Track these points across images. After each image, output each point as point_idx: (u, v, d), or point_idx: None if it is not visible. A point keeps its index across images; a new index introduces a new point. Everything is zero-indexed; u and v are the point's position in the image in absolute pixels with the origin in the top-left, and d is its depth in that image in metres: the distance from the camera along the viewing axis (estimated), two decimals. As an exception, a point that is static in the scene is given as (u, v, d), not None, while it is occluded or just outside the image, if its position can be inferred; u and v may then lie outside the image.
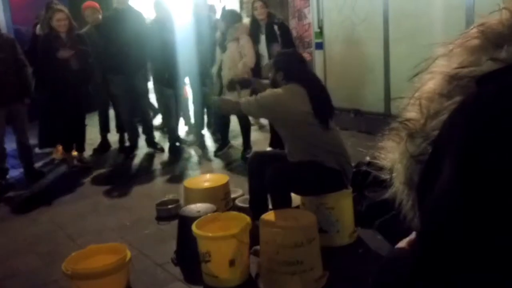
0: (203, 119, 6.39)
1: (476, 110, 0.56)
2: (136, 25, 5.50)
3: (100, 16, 5.89)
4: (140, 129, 6.09)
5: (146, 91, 6.06)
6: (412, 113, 0.66)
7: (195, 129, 6.30)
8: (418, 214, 0.67)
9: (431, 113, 0.62)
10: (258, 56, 5.23)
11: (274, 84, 3.38)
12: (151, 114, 6.50)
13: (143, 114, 5.96)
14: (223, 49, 5.26)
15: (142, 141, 6.11)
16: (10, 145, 5.33)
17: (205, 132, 6.49)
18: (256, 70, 5.18)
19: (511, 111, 0.53)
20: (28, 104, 5.10)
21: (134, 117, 5.90)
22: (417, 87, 0.66)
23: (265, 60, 5.16)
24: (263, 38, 5.24)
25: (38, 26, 5.69)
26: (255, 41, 5.23)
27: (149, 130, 6.02)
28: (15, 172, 5.37)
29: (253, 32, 5.25)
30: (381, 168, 0.73)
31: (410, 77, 0.67)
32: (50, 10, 5.24)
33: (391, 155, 0.69)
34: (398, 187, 0.69)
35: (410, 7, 5.49)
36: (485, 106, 0.56)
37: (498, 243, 0.51)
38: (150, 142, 6.00)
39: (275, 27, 5.14)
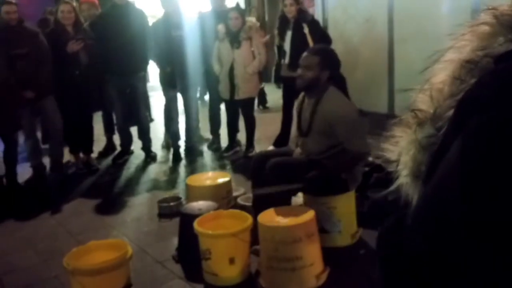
0: (219, 119, 5.95)
1: (495, 87, 0.55)
2: (136, 23, 5.13)
3: (97, 13, 5.58)
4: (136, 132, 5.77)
5: (146, 93, 5.72)
6: (422, 104, 0.65)
7: (212, 130, 5.96)
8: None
9: (440, 103, 0.62)
10: (283, 52, 5.17)
11: (313, 83, 3.23)
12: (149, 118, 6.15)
13: (140, 117, 5.53)
14: (236, 45, 5.13)
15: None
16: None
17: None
18: (278, 66, 5.27)
19: None
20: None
21: (128, 121, 5.55)
22: (427, 79, 0.66)
23: (287, 57, 5.10)
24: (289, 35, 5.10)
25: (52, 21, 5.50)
26: (282, 38, 5.16)
27: (144, 135, 5.62)
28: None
29: (280, 29, 5.19)
30: (382, 169, 0.71)
31: (421, 70, 0.67)
32: (58, 3, 5.03)
33: (397, 147, 0.68)
34: (404, 179, 0.67)
35: (415, 6, 5.46)
36: (503, 82, 0.54)
37: (498, 240, 0.50)
38: (144, 147, 5.63)
39: (304, 25, 4.98)
